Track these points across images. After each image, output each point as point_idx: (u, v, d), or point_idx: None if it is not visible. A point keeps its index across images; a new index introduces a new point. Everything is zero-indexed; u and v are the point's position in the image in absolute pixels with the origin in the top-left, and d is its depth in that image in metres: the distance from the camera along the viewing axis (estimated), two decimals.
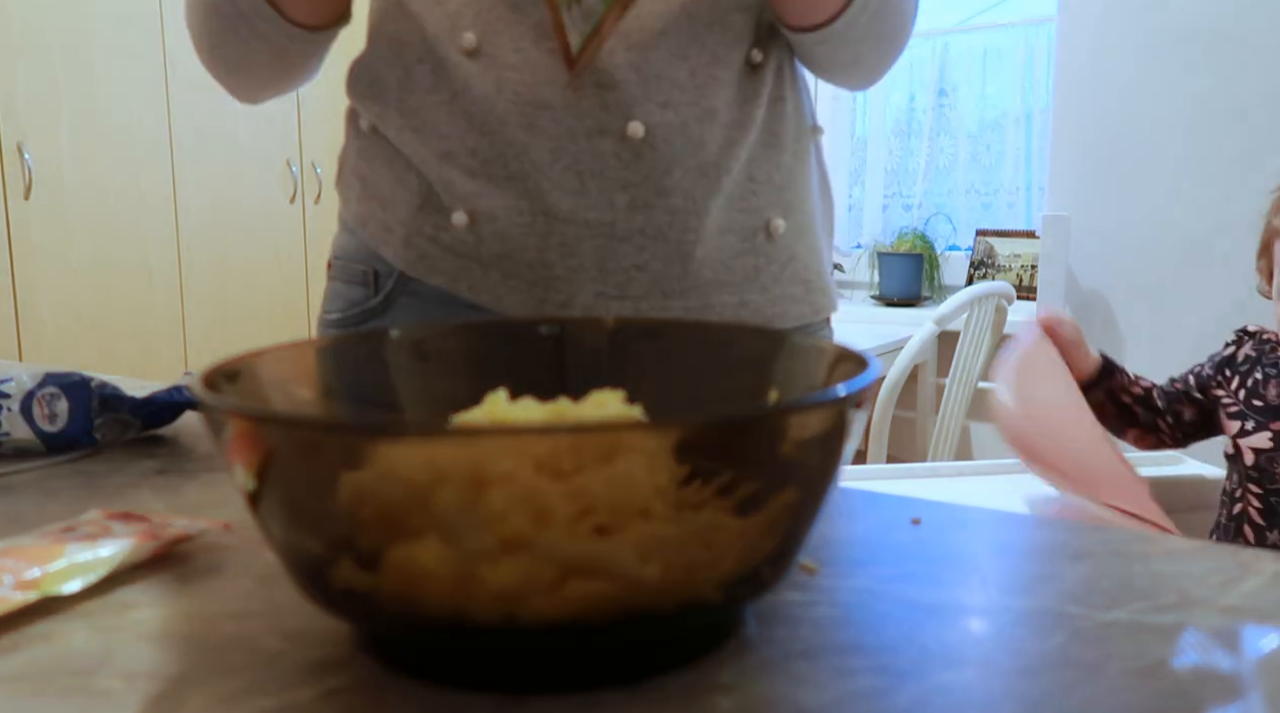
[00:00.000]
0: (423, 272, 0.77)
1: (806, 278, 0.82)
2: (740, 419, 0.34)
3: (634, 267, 0.74)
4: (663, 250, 0.74)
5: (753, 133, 0.76)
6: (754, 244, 0.78)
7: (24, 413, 0.65)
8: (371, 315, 0.81)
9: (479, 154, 0.73)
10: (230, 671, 0.36)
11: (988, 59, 3.30)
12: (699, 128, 0.73)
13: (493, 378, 0.43)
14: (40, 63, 2.35)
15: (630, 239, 0.73)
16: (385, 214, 0.79)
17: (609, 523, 0.31)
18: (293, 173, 2.93)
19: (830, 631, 0.38)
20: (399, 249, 0.78)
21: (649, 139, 0.72)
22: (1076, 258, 2.20)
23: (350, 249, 0.83)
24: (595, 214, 0.73)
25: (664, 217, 0.73)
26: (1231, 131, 2.03)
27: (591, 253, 0.73)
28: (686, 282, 0.75)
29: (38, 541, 0.44)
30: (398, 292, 0.79)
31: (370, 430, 0.34)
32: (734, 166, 0.75)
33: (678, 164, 0.73)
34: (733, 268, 0.77)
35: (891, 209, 3.53)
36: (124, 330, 2.57)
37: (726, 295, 0.77)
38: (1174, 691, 0.34)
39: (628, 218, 0.73)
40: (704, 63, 0.73)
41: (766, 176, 0.78)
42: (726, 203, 0.76)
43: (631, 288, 0.74)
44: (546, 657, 0.34)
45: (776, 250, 0.79)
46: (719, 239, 0.76)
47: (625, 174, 0.72)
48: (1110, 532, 0.49)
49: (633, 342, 0.50)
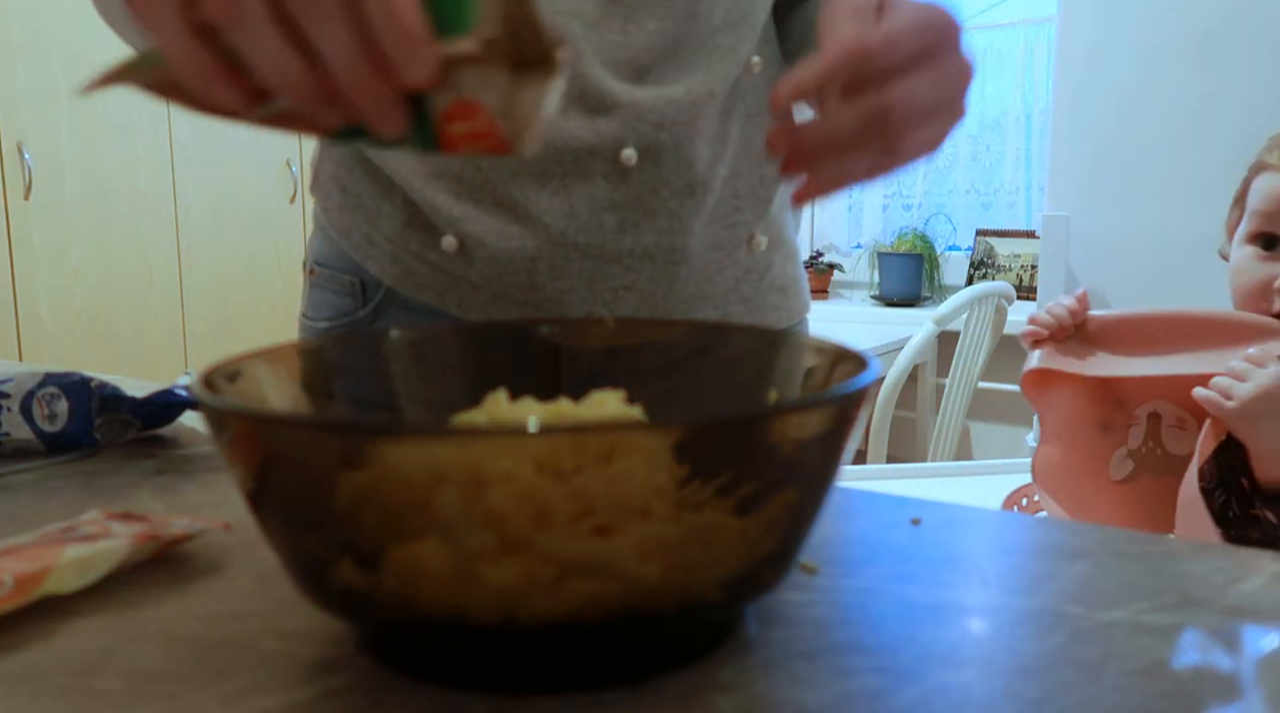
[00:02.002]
0: (410, 288, 0.76)
1: (783, 285, 0.82)
2: (740, 419, 0.34)
3: (622, 287, 0.74)
4: (649, 269, 0.74)
5: (732, 147, 0.76)
6: (735, 258, 0.78)
7: (24, 413, 0.65)
8: (360, 325, 0.79)
9: (465, 179, 0.72)
10: (230, 671, 0.36)
11: (988, 59, 3.30)
12: (689, 146, 0.73)
13: (492, 378, 0.43)
14: (40, 63, 2.35)
15: (619, 260, 0.73)
16: (369, 228, 0.77)
17: (609, 523, 0.31)
18: (293, 173, 2.93)
19: (830, 631, 0.38)
20: (386, 265, 0.77)
21: (640, 161, 0.72)
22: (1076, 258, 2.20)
23: (333, 256, 0.81)
24: (584, 237, 0.72)
25: (651, 237, 0.73)
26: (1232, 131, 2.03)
27: (580, 274, 0.73)
28: (671, 298, 0.75)
29: (38, 541, 0.44)
30: (386, 302, 0.78)
31: (370, 431, 0.34)
32: (716, 184, 0.75)
33: (665, 185, 0.73)
34: (716, 282, 0.77)
35: (891, 209, 3.53)
36: (124, 330, 2.57)
37: (710, 309, 0.77)
38: (1174, 691, 0.34)
39: (616, 239, 0.73)
40: (698, 82, 0.72)
41: (750, 191, 0.78)
42: (711, 220, 0.76)
43: (619, 307, 0.74)
44: (546, 657, 0.34)
45: (756, 262, 0.79)
46: (704, 256, 0.76)
47: (614, 196, 0.72)
48: (1110, 531, 0.49)
49: (632, 342, 0.50)
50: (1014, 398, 2.97)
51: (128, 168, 2.54)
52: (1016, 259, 3.16)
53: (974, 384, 2.58)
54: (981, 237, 3.24)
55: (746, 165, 0.77)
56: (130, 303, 2.58)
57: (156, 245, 2.63)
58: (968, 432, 3.15)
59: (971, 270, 3.23)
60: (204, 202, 2.72)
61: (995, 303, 2.56)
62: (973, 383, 2.57)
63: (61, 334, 2.44)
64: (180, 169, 2.66)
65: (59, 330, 2.43)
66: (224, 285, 2.79)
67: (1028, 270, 3.11)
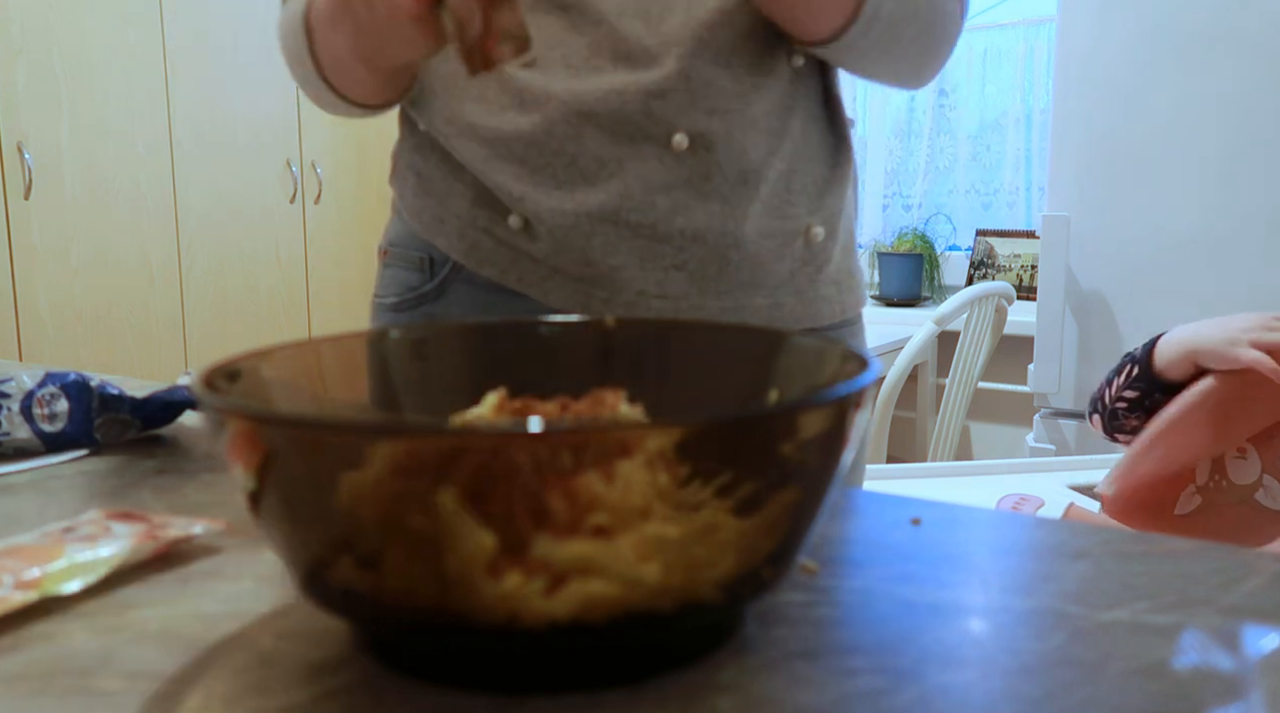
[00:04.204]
0: (474, 262, 0.80)
1: (839, 279, 0.84)
2: (740, 419, 0.34)
3: (673, 266, 0.76)
4: (700, 252, 0.76)
5: (790, 142, 0.78)
6: (792, 249, 0.80)
7: (24, 413, 0.65)
8: (426, 300, 0.83)
9: (528, 162, 0.76)
10: (230, 671, 0.36)
11: (988, 59, 3.30)
12: (741, 136, 0.75)
13: (493, 378, 0.43)
14: (40, 63, 2.35)
15: (670, 240, 0.76)
16: (440, 208, 0.81)
17: (609, 523, 0.31)
18: (293, 173, 2.93)
19: (830, 631, 0.38)
20: (453, 240, 0.81)
21: (692, 146, 0.74)
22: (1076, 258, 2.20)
23: (405, 236, 0.85)
24: (637, 216, 0.75)
25: (703, 219, 0.76)
26: (1233, 131, 2.03)
27: (632, 253, 0.76)
28: (723, 282, 0.77)
29: (38, 541, 0.44)
30: (452, 277, 0.81)
31: (370, 430, 0.34)
32: (771, 175, 0.77)
33: (718, 170, 0.75)
34: (770, 271, 0.79)
35: (891, 209, 3.53)
36: (124, 330, 2.57)
37: (761, 297, 0.79)
38: (1174, 691, 0.34)
39: (667, 220, 0.75)
40: (746, 69, 0.75)
41: (803, 186, 0.79)
42: (764, 209, 0.77)
43: (670, 287, 0.77)
44: (546, 657, 0.34)
45: (813, 255, 0.81)
46: (757, 243, 0.78)
47: (667, 178, 0.75)
48: (1110, 532, 0.49)
49: (633, 342, 0.50)
50: (1014, 398, 2.97)
51: (128, 168, 2.54)
52: (1016, 259, 3.16)
53: (974, 384, 2.58)
54: (981, 237, 3.24)
55: (803, 163, 0.79)
56: (130, 303, 2.58)
57: (156, 245, 2.63)
58: (968, 432, 3.15)
59: (971, 270, 3.24)
60: (204, 202, 2.72)
61: (995, 303, 2.56)
62: (973, 383, 2.57)
63: (61, 334, 2.43)
64: (180, 169, 2.66)
65: (59, 330, 2.43)
66: (224, 285, 2.79)
67: (1028, 270, 3.12)
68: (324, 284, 3.05)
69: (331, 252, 3.06)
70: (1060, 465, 1.72)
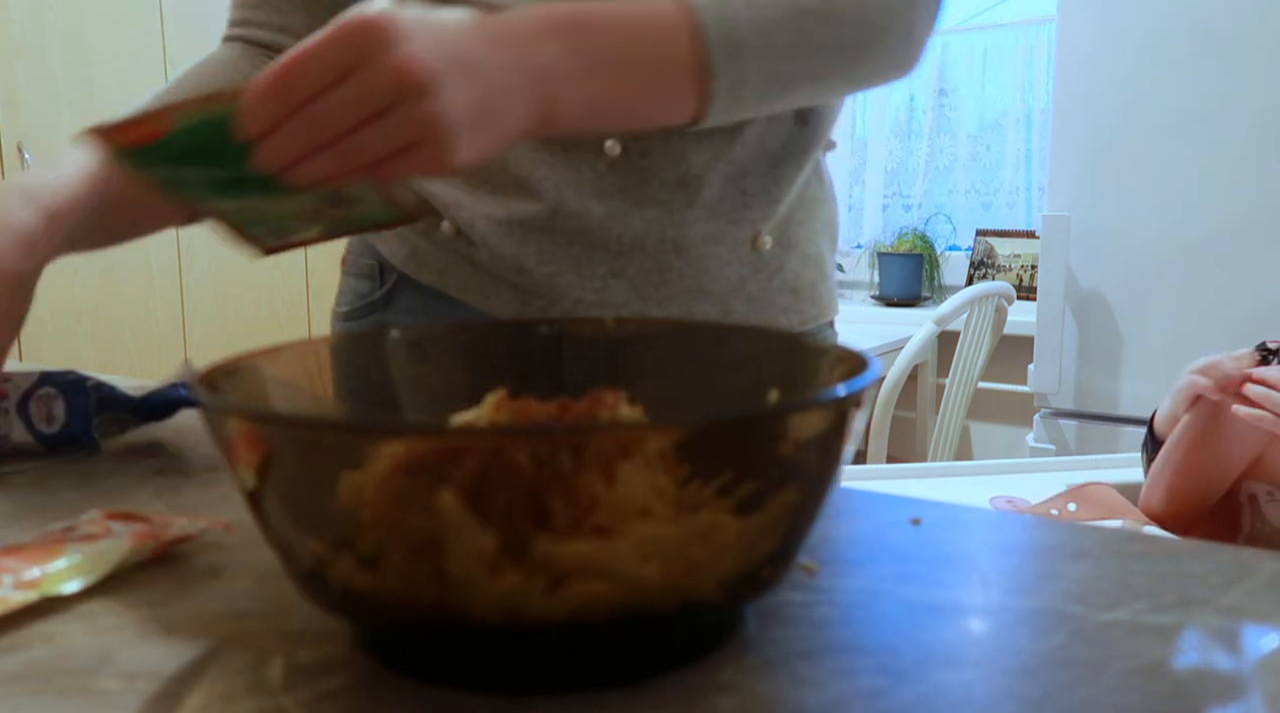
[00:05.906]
0: (413, 268, 0.79)
1: (796, 287, 0.81)
2: (740, 419, 0.34)
3: (610, 274, 0.74)
4: (640, 259, 0.74)
5: (741, 146, 0.75)
6: (739, 255, 0.77)
7: (21, 414, 0.65)
8: (375, 308, 0.82)
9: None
10: (230, 671, 0.36)
11: (988, 59, 3.30)
12: (681, 140, 0.72)
13: (492, 378, 0.43)
14: (40, 63, 2.35)
15: (606, 247, 0.74)
16: None
17: (609, 523, 0.31)
18: None
19: (830, 631, 0.38)
20: (394, 246, 0.80)
21: (626, 153, 0.72)
22: (1076, 258, 2.20)
23: (359, 244, 0.85)
24: (571, 223, 0.73)
25: (640, 226, 0.73)
26: (1232, 131, 2.03)
27: (569, 260, 0.74)
28: (665, 290, 0.75)
29: (38, 540, 0.44)
30: (400, 285, 0.81)
31: (370, 430, 0.34)
32: (716, 179, 0.74)
33: (655, 176, 0.73)
34: (717, 277, 0.76)
35: (891, 209, 3.53)
36: (124, 330, 2.57)
37: (710, 305, 0.77)
38: (1174, 691, 0.34)
39: (603, 227, 0.73)
40: None
41: (761, 189, 0.77)
42: (709, 214, 0.75)
43: (610, 295, 0.75)
44: (547, 657, 0.34)
45: (763, 261, 0.78)
46: (702, 249, 0.75)
47: (600, 185, 0.73)
48: (1110, 532, 0.49)
49: (632, 342, 0.50)
50: (1014, 398, 2.97)
51: None
52: (1016, 259, 3.16)
53: (974, 384, 2.58)
54: (981, 237, 3.24)
55: (759, 165, 0.77)
56: (130, 303, 2.58)
57: (156, 245, 2.62)
58: (968, 432, 3.15)
59: (971, 270, 3.23)
60: None
61: (995, 303, 2.56)
62: (973, 383, 2.57)
63: (61, 334, 2.43)
64: None
65: (59, 330, 2.43)
66: (224, 285, 2.79)
67: (1028, 270, 3.11)
68: (324, 284, 3.05)
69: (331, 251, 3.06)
70: (1060, 466, 1.72)
